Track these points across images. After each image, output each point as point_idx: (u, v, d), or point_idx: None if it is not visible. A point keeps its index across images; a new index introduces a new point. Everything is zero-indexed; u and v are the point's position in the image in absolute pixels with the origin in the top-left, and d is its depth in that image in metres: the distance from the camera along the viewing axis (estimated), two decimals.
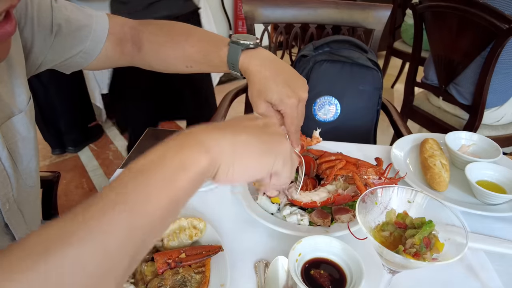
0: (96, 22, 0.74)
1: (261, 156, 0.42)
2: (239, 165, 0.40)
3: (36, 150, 0.70)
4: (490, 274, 0.67)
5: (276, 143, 0.43)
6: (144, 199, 0.34)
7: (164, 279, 0.60)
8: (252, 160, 0.41)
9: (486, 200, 0.82)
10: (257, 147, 0.41)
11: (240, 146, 0.40)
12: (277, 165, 0.43)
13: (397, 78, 3.45)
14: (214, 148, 0.39)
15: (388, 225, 0.55)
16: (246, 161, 0.41)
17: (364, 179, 0.77)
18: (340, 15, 1.44)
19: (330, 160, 0.83)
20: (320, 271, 0.59)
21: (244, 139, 0.41)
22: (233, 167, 0.40)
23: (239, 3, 3.47)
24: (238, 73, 0.71)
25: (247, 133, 0.42)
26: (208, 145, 0.38)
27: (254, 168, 0.42)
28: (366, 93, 1.27)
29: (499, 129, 1.75)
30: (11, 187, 0.62)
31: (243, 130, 0.42)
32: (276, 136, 0.44)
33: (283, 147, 0.44)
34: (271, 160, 0.42)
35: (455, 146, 0.97)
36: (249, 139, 0.41)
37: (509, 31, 1.35)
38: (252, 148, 0.41)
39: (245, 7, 1.43)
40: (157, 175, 0.35)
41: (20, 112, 0.63)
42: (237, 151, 0.40)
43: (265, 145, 0.42)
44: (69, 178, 2.33)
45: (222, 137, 0.40)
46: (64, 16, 0.69)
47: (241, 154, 0.40)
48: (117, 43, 0.79)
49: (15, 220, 0.64)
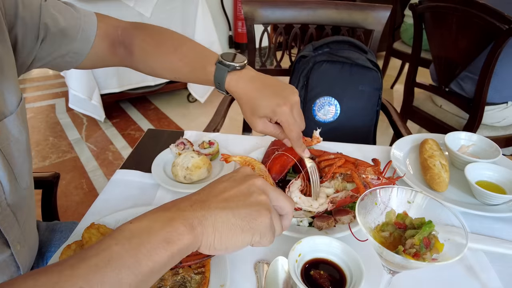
0: (84, 22, 0.75)
1: (240, 233, 0.44)
2: (219, 243, 0.44)
3: (28, 152, 0.70)
4: (489, 274, 0.67)
5: (254, 218, 0.45)
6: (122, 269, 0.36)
7: (163, 280, 0.60)
8: (232, 238, 0.44)
9: (486, 200, 0.82)
10: (236, 225, 0.44)
11: (220, 226, 0.43)
12: (255, 239, 0.46)
13: (396, 79, 3.46)
14: (198, 228, 0.42)
15: (388, 225, 0.55)
16: (225, 239, 0.44)
17: (363, 178, 0.77)
18: (340, 16, 1.44)
19: (329, 159, 0.84)
20: (320, 271, 0.59)
21: (224, 217, 0.44)
22: (213, 244, 0.44)
23: (238, 3, 3.47)
24: (224, 92, 0.72)
25: (228, 209, 0.45)
26: (192, 224, 0.42)
27: (234, 244, 0.45)
28: (365, 94, 1.27)
29: (498, 130, 1.75)
30: (3, 190, 0.61)
31: (224, 205, 0.45)
32: (255, 208, 0.46)
33: (261, 221, 0.45)
34: (249, 236, 0.45)
35: (455, 146, 0.97)
36: (229, 217, 0.44)
37: (508, 31, 1.36)
38: (231, 227, 0.44)
39: (245, 7, 1.44)
40: (140, 246, 0.38)
41: (11, 113, 0.63)
42: (217, 230, 0.43)
43: (244, 221, 0.44)
44: (68, 179, 2.33)
45: (205, 215, 0.43)
46: (51, 15, 0.69)
47: (220, 233, 0.43)
48: (110, 44, 0.79)
49: (8, 224, 0.64)
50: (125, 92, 2.92)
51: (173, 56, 0.76)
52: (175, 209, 0.43)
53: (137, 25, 0.80)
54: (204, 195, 0.47)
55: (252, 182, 0.49)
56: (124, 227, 0.40)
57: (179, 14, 2.77)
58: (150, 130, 1.12)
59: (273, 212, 0.48)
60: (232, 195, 0.47)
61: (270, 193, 0.49)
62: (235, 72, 0.69)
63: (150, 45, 0.78)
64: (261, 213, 0.46)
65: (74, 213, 2.06)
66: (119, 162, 2.50)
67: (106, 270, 0.36)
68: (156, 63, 0.78)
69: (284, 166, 0.85)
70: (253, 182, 0.49)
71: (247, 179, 0.49)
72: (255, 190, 0.48)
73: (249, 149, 1.01)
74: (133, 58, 0.79)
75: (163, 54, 0.77)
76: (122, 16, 0.83)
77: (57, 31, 0.70)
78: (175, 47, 0.76)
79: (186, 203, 0.45)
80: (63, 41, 0.72)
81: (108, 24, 0.79)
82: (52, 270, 0.36)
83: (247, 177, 0.50)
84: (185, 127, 2.91)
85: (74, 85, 2.55)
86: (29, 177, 0.71)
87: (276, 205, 0.50)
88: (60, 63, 0.76)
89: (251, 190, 0.48)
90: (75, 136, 2.82)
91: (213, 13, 3.14)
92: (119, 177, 0.91)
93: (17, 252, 0.67)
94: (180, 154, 0.92)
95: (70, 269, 0.35)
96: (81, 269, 0.35)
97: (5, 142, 0.62)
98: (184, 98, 3.36)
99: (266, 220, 0.46)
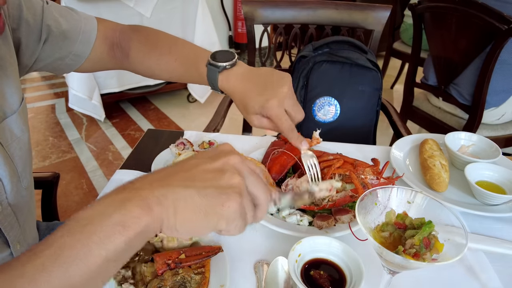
0: (85, 24, 0.76)
1: (203, 217, 0.39)
2: (181, 225, 0.39)
3: (30, 151, 0.71)
4: (489, 274, 0.67)
5: (221, 202, 0.39)
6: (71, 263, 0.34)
7: (163, 280, 0.60)
8: (194, 221, 0.39)
9: (486, 200, 0.82)
10: (199, 207, 0.39)
11: (182, 207, 0.38)
12: (221, 225, 0.40)
13: (396, 79, 3.46)
14: (156, 209, 0.37)
15: (388, 225, 0.55)
16: (188, 223, 0.39)
17: (362, 178, 0.77)
18: (340, 16, 1.44)
19: (328, 160, 0.84)
20: (320, 271, 0.59)
21: (188, 197, 0.39)
22: (175, 226, 0.39)
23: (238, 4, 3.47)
24: (219, 91, 0.72)
25: (193, 188, 0.39)
26: (149, 205, 0.37)
27: (196, 227, 0.40)
28: (365, 94, 1.27)
29: (498, 130, 1.76)
30: (4, 190, 0.62)
31: (190, 184, 0.40)
32: (224, 191, 0.40)
33: (229, 206, 0.40)
34: (213, 222, 0.40)
35: (455, 146, 0.97)
36: (193, 197, 0.39)
37: (508, 31, 1.36)
38: (195, 209, 0.39)
39: (245, 7, 1.44)
40: (92, 235, 0.35)
41: (13, 113, 0.63)
42: (179, 211, 0.38)
43: (208, 204, 0.39)
44: (68, 179, 2.33)
45: (165, 194, 0.38)
46: (53, 18, 0.71)
47: (182, 214, 0.39)
48: (110, 47, 0.80)
49: (8, 223, 0.64)
50: (125, 92, 2.92)
51: (169, 56, 0.76)
52: (131, 189, 0.39)
53: (133, 28, 0.81)
54: (168, 171, 0.42)
55: (226, 159, 0.43)
56: (77, 215, 0.37)
57: (179, 14, 2.77)
58: (150, 130, 1.12)
59: (245, 198, 0.42)
60: (201, 172, 0.41)
61: (247, 177, 0.43)
62: (226, 71, 0.69)
63: (146, 46, 0.78)
64: (230, 197, 0.40)
65: (74, 213, 2.04)
66: (119, 162, 2.50)
67: (53, 268, 0.34)
68: (152, 64, 0.79)
69: (284, 166, 0.85)
70: (228, 159, 0.43)
71: (222, 156, 0.43)
72: (228, 169, 0.42)
73: (249, 149, 1.01)
74: (130, 60, 0.80)
75: (159, 55, 0.77)
76: (122, 17, 0.84)
77: (59, 33, 0.71)
78: (170, 48, 0.77)
79: (145, 180, 0.40)
80: (65, 43, 0.73)
81: (107, 27, 0.80)
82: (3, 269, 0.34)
83: (222, 153, 0.44)
84: (185, 127, 2.90)
85: (74, 85, 2.56)
86: (29, 177, 0.71)
87: (251, 191, 0.44)
88: (60, 65, 0.76)
89: (224, 169, 0.42)
90: (75, 136, 2.82)
91: (213, 13, 3.14)
92: (119, 177, 0.91)
93: (16, 251, 0.67)
94: (180, 154, 0.92)
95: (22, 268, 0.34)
96: (27, 269, 0.34)
97: (8, 141, 0.62)
98: (184, 98, 3.36)
99: (235, 205, 0.40)
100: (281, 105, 0.65)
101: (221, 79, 0.69)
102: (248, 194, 0.43)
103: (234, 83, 0.68)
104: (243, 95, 0.67)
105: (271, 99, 0.64)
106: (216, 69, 0.68)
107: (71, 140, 2.77)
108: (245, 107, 0.68)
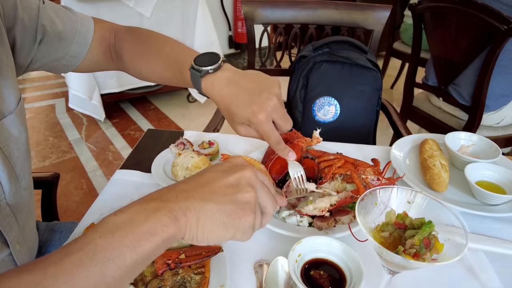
0: (81, 25, 0.75)
1: (222, 229, 0.45)
2: (202, 235, 0.44)
3: (28, 151, 0.70)
4: (489, 274, 0.67)
5: (238, 217, 0.45)
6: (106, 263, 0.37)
7: (163, 280, 0.60)
8: (214, 233, 0.44)
9: (486, 200, 0.82)
10: (220, 221, 0.44)
11: (204, 220, 0.44)
12: (236, 236, 0.46)
13: (396, 79, 3.46)
14: (182, 220, 0.42)
15: (388, 225, 0.55)
16: (208, 233, 0.44)
17: (362, 178, 0.77)
18: (340, 16, 1.44)
19: (328, 160, 0.84)
20: (320, 271, 0.59)
21: (209, 211, 0.44)
22: (196, 235, 0.44)
23: (238, 4, 3.47)
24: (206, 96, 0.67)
25: (214, 202, 0.44)
26: (176, 216, 0.42)
27: (215, 238, 0.45)
28: (365, 94, 1.27)
29: (498, 130, 1.76)
30: (2, 190, 0.62)
31: (210, 198, 0.45)
32: (241, 207, 0.45)
33: (245, 220, 0.45)
34: (230, 233, 0.45)
35: (455, 146, 0.97)
36: (213, 212, 0.44)
37: (507, 32, 1.36)
38: (215, 222, 0.44)
39: (245, 7, 1.44)
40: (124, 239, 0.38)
41: (10, 113, 0.63)
42: (201, 223, 0.44)
43: (228, 218, 0.44)
44: (68, 179, 2.33)
45: (189, 207, 0.43)
46: (49, 18, 0.70)
47: (203, 226, 0.44)
48: (106, 48, 0.79)
49: (7, 223, 0.64)
50: (125, 92, 2.92)
51: (157, 59, 0.74)
52: (159, 200, 0.43)
53: (128, 29, 0.80)
54: (190, 184, 0.46)
55: (241, 174, 0.48)
56: (108, 219, 0.40)
57: (179, 14, 2.77)
58: (150, 130, 1.12)
59: (257, 211, 0.48)
60: (220, 187, 0.46)
61: (258, 190, 0.48)
62: (209, 76, 0.63)
63: (137, 48, 0.77)
64: (246, 212, 0.45)
65: (74, 213, 2.06)
66: (119, 162, 2.50)
67: (90, 264, 0.36)
68: (142, 67, 0.77)
69: (284, 166, 0.85)
70: (242, 174, 0.48)
71: (237, 170, 0.48)
72: (243, 184, 0.47)
73: (249, 149, 1.01)
74: (123, 62, 0.79)
75: (147, 58, 0.75)
76: (122, 17, 0.83)
77: (54, 34, 0.71)
78: (158, 50, 0.74)
79: (171, 193, 0.45)
80: (60, 44, 0.72)
81: (104, 28, 0.79)
82: (36, 267, 0.35)
83: (237, 168, 0.49)
84: (185, 127, 2.90)
85: (74, 85, 2.56)
86: (28, 177, 0.71)
87: (261, 202, 0.49)
88: (57, 66, 0.76)
89: (240, 184, 0.47)
90: (75, 136, 2.82)
91: (213, 13, 3.14)
92: (119, 177, 0.91)
93: (16, 252, 0.67)
94: (180, 154, 0.92)
95: (54, 266, 0.35)
96: (64, 265, 0.36)
97: (5, 141, 0.62)
98: (184, 98, 3.36)
99: (250, 220, 0.46)
100: (269, 120, 0.61)
101: (204, 85, 0.64)
102: (258, 205, 0.48)
103: (218, 91, 0.63)
104: (228, 103, 0.62)
105: (258, 113, 0.59)
106: (198, 74, 0.63)
107: (71, 140, 2.77)
108: (230, 116, 0.63)
